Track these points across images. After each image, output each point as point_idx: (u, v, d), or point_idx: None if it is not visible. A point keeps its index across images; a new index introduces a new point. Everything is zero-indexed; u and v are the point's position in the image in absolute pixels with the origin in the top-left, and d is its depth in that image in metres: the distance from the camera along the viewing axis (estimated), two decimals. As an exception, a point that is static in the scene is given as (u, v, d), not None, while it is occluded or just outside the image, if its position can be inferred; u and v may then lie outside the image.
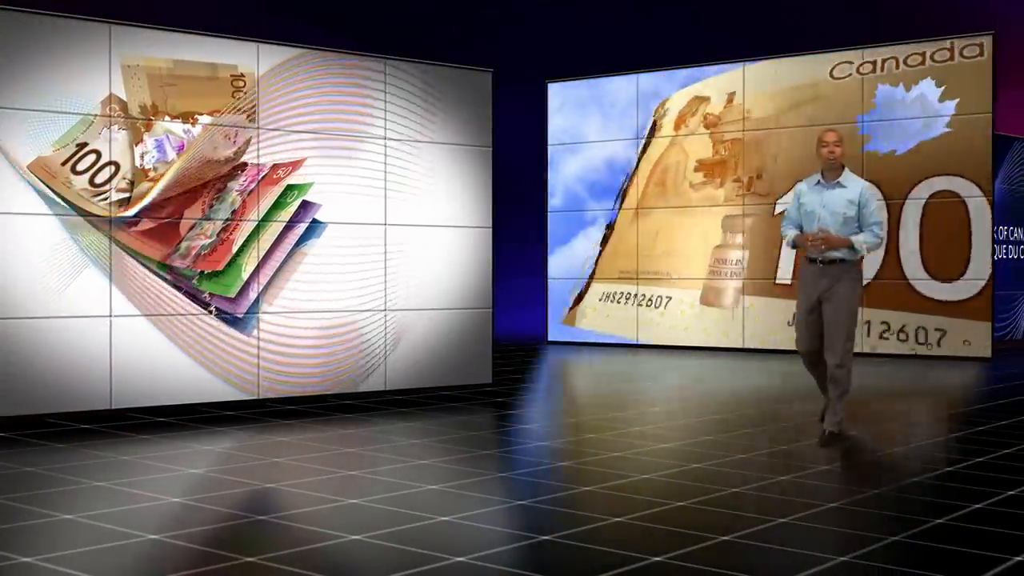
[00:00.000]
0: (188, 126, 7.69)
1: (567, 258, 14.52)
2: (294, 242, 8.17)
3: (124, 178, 7.43)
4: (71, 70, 7.23)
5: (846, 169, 6.54)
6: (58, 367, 7.16)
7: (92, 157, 7.31)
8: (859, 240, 6.41)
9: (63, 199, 7.19)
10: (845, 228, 6.43)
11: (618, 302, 14.09)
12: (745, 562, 4.00)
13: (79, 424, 7.13)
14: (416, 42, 15.13)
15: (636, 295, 13.91)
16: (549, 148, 14.70)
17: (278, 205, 8.11)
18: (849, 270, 6.46)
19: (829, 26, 16.11)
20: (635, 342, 13.89)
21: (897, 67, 12.28)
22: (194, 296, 7.72)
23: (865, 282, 11.01)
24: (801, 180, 6.94)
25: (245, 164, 7.95)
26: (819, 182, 6.55)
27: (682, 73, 13.73)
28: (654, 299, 13.82)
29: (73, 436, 6.71)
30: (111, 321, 7.36)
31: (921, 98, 12.14)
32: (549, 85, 14.68)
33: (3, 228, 6.98)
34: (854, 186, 6.48)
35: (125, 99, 7.43)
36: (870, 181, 10.22)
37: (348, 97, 8.45)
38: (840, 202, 6.44)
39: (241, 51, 7.95)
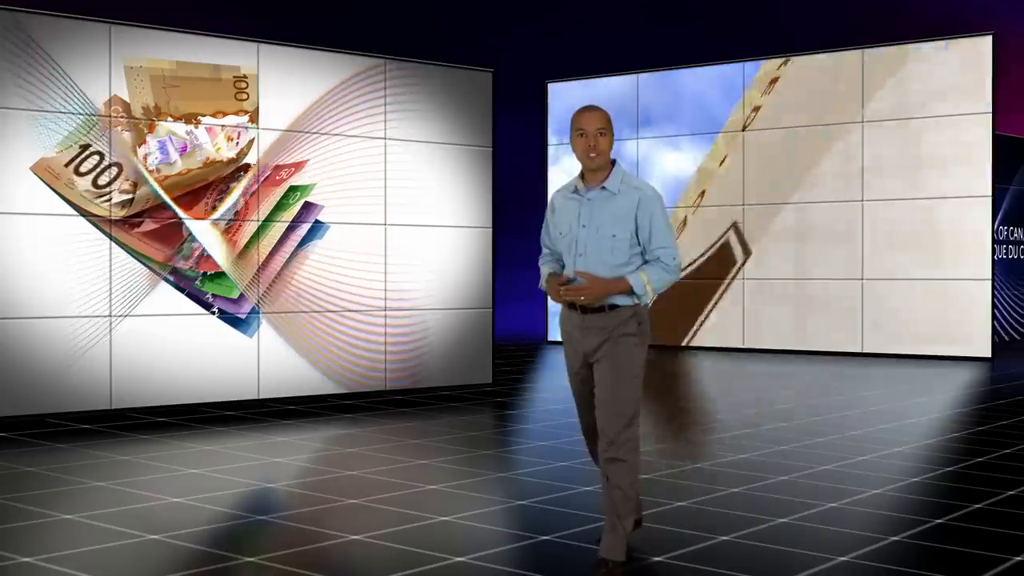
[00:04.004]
0: (191, 127, 7.69)
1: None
2: (296, 243, 8.17)
3: (127, 180, 7.44)
4: (73, 71, 7.23)
5: (617, 166, 4.10)
6: (58, 367, 7.16)
7: (95, 159, 7.31)
8: (641, 282, 3.98)
9: (65, 200, 7.19)
10: (614, 258, 4.03)
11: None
12: (745, 562, 4.01)
13: (79, 424, 7.13)
14: (416, 42, 15.14)
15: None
16: (549, 148, 14.71)
17: (280, 206, 8.11)
18: (627, 321, 4.04)
19: (829, 26, 16.13)
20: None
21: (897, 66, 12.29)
22: (196, 297, 7.72)
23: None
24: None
25: (248, 165, 7.95)
26: (576, 189, 4.16)
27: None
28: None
29: (73, 436, 6.71)
30: (111, 321, 7.37)
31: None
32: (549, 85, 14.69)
33: (4, 228, 6.99)
34: (629, 194, 4.04)
35: (128, 100, 7.44)
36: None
37: (348, 97, 8.45)
38: (607, 218, 4.03)
39: (243, 51, 7.95)
